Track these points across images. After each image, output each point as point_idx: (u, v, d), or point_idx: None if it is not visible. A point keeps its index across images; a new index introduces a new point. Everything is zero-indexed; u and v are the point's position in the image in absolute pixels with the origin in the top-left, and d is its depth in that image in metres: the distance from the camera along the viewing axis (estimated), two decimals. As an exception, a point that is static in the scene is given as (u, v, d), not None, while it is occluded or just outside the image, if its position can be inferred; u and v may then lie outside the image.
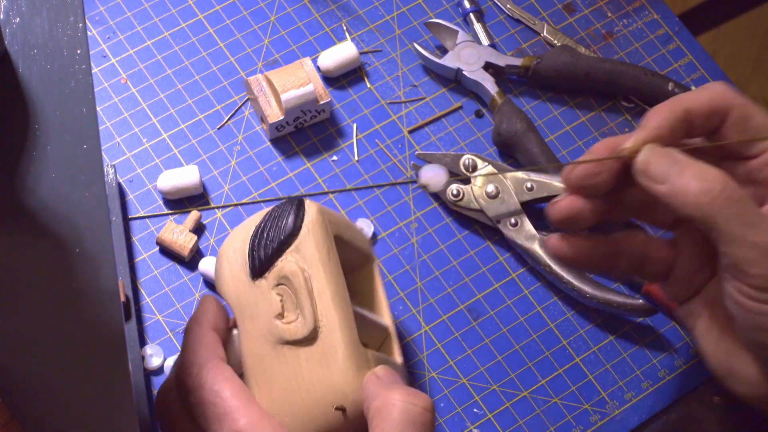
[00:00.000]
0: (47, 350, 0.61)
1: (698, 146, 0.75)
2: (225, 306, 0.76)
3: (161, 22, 0.96)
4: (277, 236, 0.73)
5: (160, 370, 0.84)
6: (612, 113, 0.95)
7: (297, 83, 0.89)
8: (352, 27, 0.97)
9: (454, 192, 0.89)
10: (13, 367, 0.60)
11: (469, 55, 0.94)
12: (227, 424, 0.69)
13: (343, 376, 0.70)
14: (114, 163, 0.90)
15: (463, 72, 0.94)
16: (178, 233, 0.87)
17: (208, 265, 0.86)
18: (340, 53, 0.94)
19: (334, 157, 0.92)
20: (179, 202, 0.89)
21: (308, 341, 0.71)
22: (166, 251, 0.88)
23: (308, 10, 0.97)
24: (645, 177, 0.72)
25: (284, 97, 0.89)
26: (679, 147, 0.72)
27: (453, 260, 0.89)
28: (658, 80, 0.94)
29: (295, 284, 0.72)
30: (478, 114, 0.95)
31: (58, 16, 0.67)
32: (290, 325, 0.72)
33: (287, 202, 0.75)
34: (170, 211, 0.89)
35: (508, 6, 0.98)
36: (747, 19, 1.55)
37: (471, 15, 0.97)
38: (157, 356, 0.84)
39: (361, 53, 0.95)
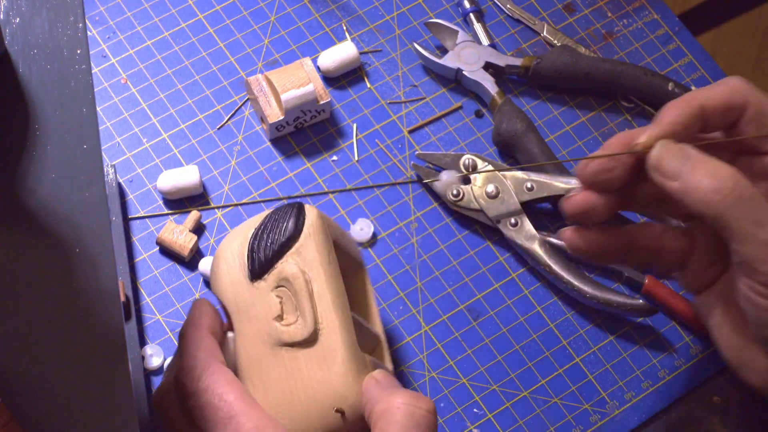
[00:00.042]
0: (47, 350, 0.61)
1: (714, 141, 0.75)
2: (219, 309, 0.76)
3: (161, 22, 0.96)
4: (277, 239, 0.73)
5: (160, 370, 0.84)
6: (612, 113, 0.95)
7: (297, 83, 0.89)
8: (352, 27, 0.97)
9: (454, 192, 0.89)
10: (13, 367, 0.60)
11: (469, 55, 0.94)
12: (232, 428, 0.69)
13: (342, 378, 0.70)
14: (114, 163, 0.90)
15: (463, 72, 0.94)
16: (178, 233, 0.87)
17: (208, 265, 0.86)
18: (340, 53, 0.94)
19: (334, 157, 0.92)
20: (179, 202, 0.89)
21: (308, 343, 0.71)
22: (166, 251, 0.88)
23: (308, 10, 0.97)
24: (657, 173, 0.72)
25: (284, 97, 0.89)
26: (694, 142, 0.72)
27: (453, 260, 0.89)
28: (658, 80, 0.93)
29: (296, 286, 0.72)
30: (478, 114, 0.95)
31: (58, 16, 0.67)
32: (289, 327, 0.72)
33: (286, 206, 0.75)
34: (170, 211, 0.89)
35: (508, 6, 0.98)
36: (747, 19, 1.55)
37: (471, 15, 0.97)
38: (157, 356, 0.84)
39: (361, 53, 0.95)
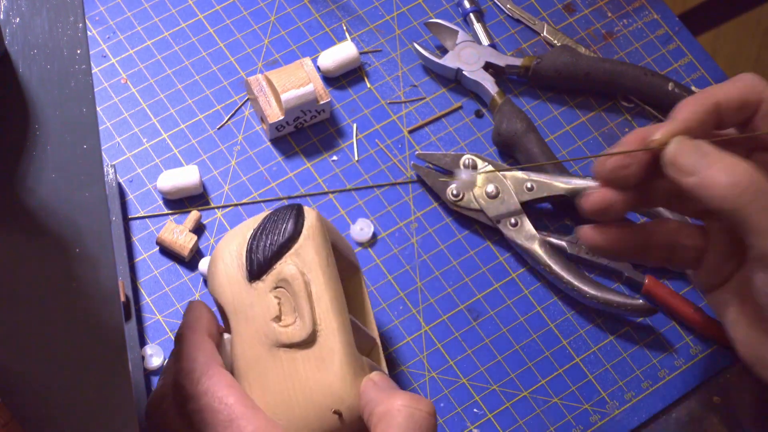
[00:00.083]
0: (47, 350, 0.61)
1: (728, 137, 0.75)
2: (215, 311, 0.76)
3: (161, 22, 0.96)
4: (276, 240, 0.73)
5: (159, 370, 0.84)
6: (612, 113, 0.95)
7: (297, 83, 0.89)
8: (352, 27, 0.97)
9: (454, 192, 0.89)
10: (13, 367, 0.60)
11: (469, 55, 0.94)
12: (232, 431, 0.69)
13: (340, 380, 0.70)
14: (114, 163, 0.90)
15: (463, 72, 0.94)
16: (178, 233, 0.87)
17: (208, 265, 0.86)
18: (340, 53, 0.93)
19: (334, 157, 0.92)
20: (179, 202, 0.89)
21: (306, 344, 0.71)
22: (166, 251, 0.88)
23: (308, 10, 0.97)
24: (674, 169, 0.72)
25: (284, 97, 0.89)
26: (709, 138, 0.73)
27: (453, 260, 0.89)
28: (658, 80, 0.93)
29: (295, 287, 0.72)
30: (478, 114, 0.95)
31: (58, 16, 0.67)
32: (288, 328, 0.72)
33: (285, 207, 0.75)
34: (170, 211, 0.89)
35: (508, 6, 0.98)
36: (747, 19, 1.55)
37: (471, 15, 0.97)
38: (157, 356, 0.84)
39: (361, 53, 0.95)
